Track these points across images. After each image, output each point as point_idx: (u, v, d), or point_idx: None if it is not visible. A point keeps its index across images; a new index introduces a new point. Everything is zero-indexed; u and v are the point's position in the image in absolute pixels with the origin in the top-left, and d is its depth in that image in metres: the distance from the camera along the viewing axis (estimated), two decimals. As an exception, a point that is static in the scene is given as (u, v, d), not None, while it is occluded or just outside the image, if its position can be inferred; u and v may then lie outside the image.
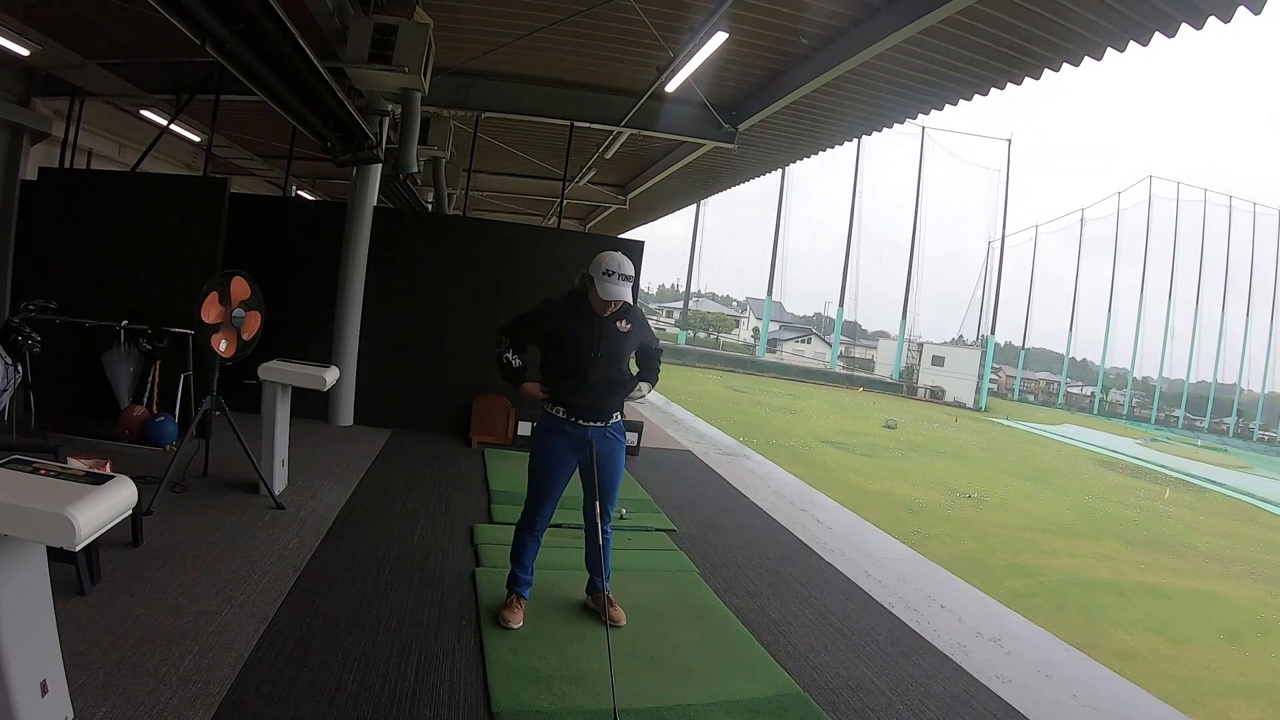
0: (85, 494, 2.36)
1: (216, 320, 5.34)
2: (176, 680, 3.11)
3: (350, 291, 8.59)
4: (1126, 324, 70.89)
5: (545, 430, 4.17)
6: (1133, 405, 71.26)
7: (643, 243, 9.40)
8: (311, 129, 7.52)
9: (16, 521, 2.25)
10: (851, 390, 56.09)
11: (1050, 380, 77.84)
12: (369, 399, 8.87)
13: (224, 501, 5.45)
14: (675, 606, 4.64)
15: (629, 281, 4.00)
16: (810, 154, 12.83)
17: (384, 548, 5.04)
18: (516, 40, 8.11)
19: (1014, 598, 10.35)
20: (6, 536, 2.28)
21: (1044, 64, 7.20)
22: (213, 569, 4.28)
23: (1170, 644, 11.44)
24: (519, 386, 4.19)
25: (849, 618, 4.87)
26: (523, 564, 4.23)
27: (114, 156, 13.24)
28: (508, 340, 4.17)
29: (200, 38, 4.97)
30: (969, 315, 69.79)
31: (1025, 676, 4.32)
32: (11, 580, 2.36)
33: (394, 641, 3.74)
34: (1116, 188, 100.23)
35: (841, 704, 3.68)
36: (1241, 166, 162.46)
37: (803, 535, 6.70)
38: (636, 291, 4.18)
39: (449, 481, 6.98)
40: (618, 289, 3.95)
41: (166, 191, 8.08)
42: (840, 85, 8.59)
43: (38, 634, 2.51)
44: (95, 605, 3.64)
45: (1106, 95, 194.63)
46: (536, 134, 12.50)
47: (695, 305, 79.49)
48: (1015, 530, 17.27)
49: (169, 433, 6.69)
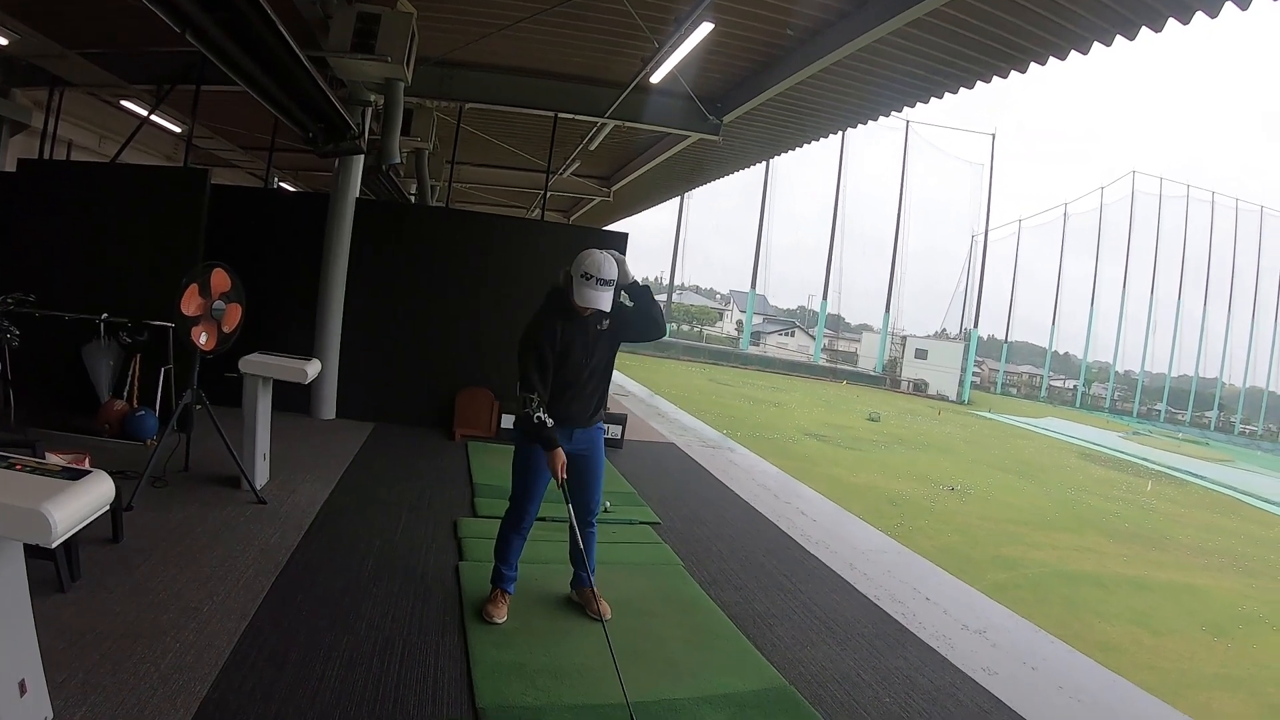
0: (61, 489, 2.31)
1: (197, 313, 5.29)
2: (157, 678, 3.07)
3: (332, 284, 8.53)
4: (1109, 318, 71.33)
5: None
6: (1115, 399, 71.63)
7: (626, 235, 9.39)
8: (293, 119, 7.45)
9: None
10: (835, 383, 56.18)
11: (1033, 374, 78.22)
12: (351, 392, 8.81)
13: (205, 496, 5.40)
14: (660, 600, 4.63)
15: (609, 287, 3.85)
16: (795, 146, 12.84)
17: (367, 542, 5.01)
18: (500, 30, 8.06)
19: (997, 590, 10.38)
20: (-20, 534, 2.24)
21: (1030, 58, 7.20)
22: (194, 565, 4.24)
23: (1152, 636, 11.51)
24: (551, 450, 3.86)
25: (834, 610, 4.87)
26: (507, 560, 4.21)
27: (94, 148, 13.15)
28: (537, 399, 3.82)
29: (181, 25, 4.90)
30: (952, 309, 70.00)
31: (1011, 668, 4.34)
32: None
33: (377, 637, 3.72)
34: (1100, 183, 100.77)
35: (828, 697, 3.68)
36: (1224, 164, 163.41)
37: (787, 528, 6.71)
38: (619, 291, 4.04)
39: (432, 475, 6.94)
40: (595, 295, 3.82)
41: (147, 183, 7.98)
42: (826, 78, 8.59)
43: (15, 633, 2.47)
44: (75, 603, 3.59)
45: (1091, 90, 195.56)
46: (520, 125, 12.46)
47: (679, 298, 79.43)
48: (998, 523, 17.33)
49: (150, 427, 6.63)
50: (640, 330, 4.10)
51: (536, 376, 3.86)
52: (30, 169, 8.23)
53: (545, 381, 3.90)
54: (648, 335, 4.13)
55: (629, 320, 4.09)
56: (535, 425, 3.82)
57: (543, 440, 3.87)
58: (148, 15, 4.75)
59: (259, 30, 5.38)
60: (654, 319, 4.08)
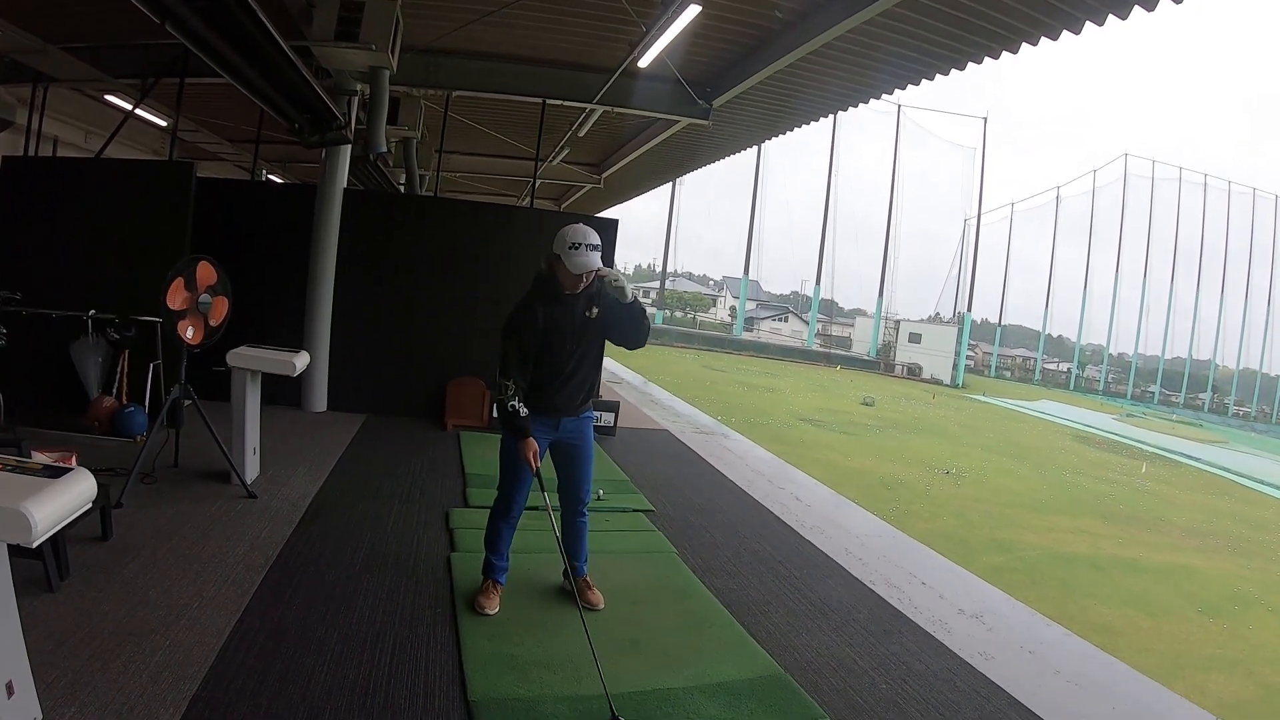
0: (42, 488, 2.29)
1: (183, 307, 5.24)
2: (147, 677, 3.05)
3: (321, 275, 8.46)
4: (1102, 300, 71.46)
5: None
6: (1109, 381, 71.79)
7: (617, 221, 9.37)
8: (278, 110, 7.39)
9: (-30, 518, 2.17)
10: (829, 368, 56.21)
11: (1027, 357, 78.38)
12: (342, 384, 8.76)
13: (195, 492, 5.36)
14: (654, 589, 4.62)
15: (597, 250, 3.82)
16: (787, 129, 12.76)
17: (357, 535, 4.99)
18: (485, 17, 7.97)
19: (993, 573, 10.37)
20: (-40, 535, 2.20)
21: (1022, 38, 7.14)
22: (184, 561, 4.21)
23: (1148, 618, 11.54)
24: (522, 440, 3.84)
25: (829, 596, 4.86)
26: (498, 550, 4.19)
27: (80, 144, 13.03)
28: (513, 386, 3.80)
29: (160, 17, 4.85)
30: (945, 292, 69.99)
31: (1008, 653, 4.33)
32: (-31, 579, 2.28)
33: (368, 630, 3.69)
34: (1092, 165, 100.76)
35: (824, 684, 3.67)
36: (1215, 147, 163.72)
37: (782, 514, 6.69)
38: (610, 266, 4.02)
39: (424, 466, 6.91)
40: (588, 259, 3.78)
41: (132, 177, 7.96)
42: (816, 60, 8.52)
43: (0, 634, 2.44)
44: (64, 602, 3.56)
45: (1082, 73, 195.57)
46: (508, 113, 12.36)
47: (672, 285, 79.34)
48: (993, 506, 17.37)
49: (139, 423, 6.58)
50: (622, 333, 4.06)
51: (515, 363, 3.83)
52: (15, 166, 8.17)
53: (525, 370, 3.87)
54: (628, 341, 4.09)
55: (619, 317, 4.02)
56: (508, 413, 3.81)
57: (514, 429, 3.85)
58: (128, 8, 4.69)
59: (240, 20, 5.31)
60: (640, 329, 4.06)
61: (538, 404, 3.93)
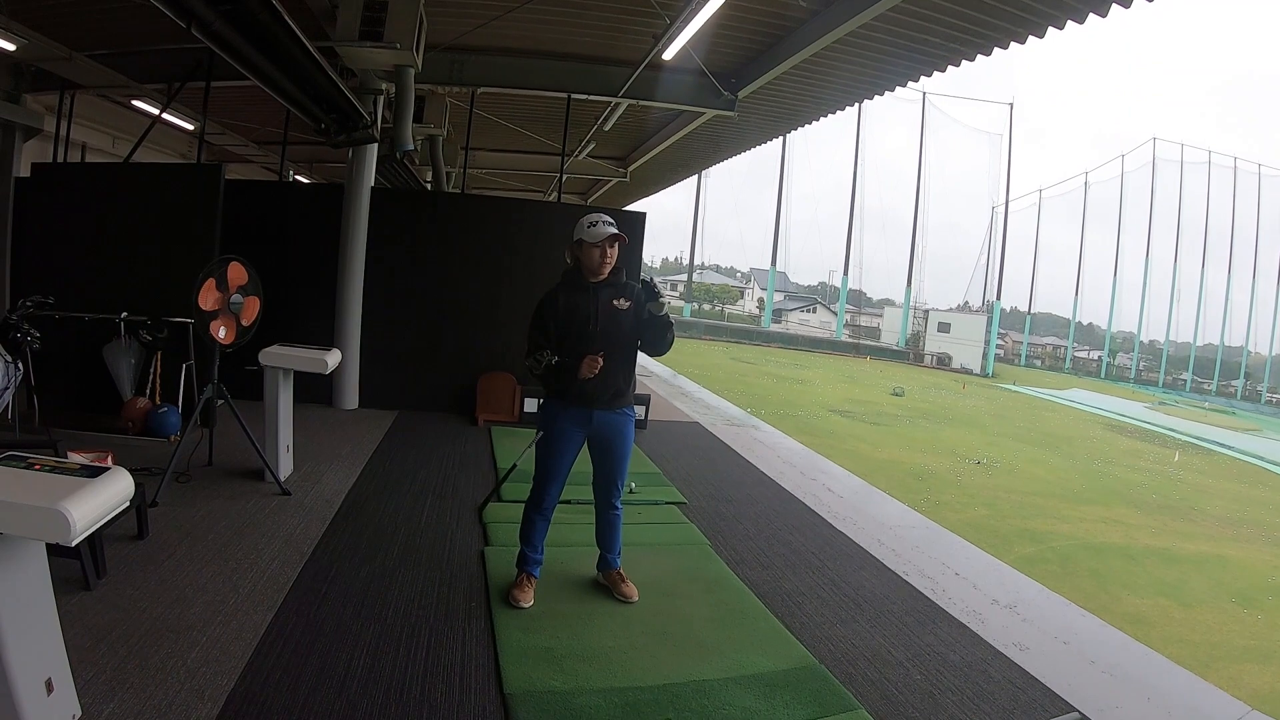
0: (80, 487, 2.29)
1: (214, 307, 5.29)
2: (184, 672, 3.07)
3: (350, 273, 8.52)
4: (1132, 287, 70.69)
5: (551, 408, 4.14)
6: (1140, 369, 71.02)
7: (644, 214, 9.34)
8: (304, 111, 7.43)
9: (10, 518, 2.20)
10: (858, 359, 56.01)
11: (1057, 345, 77.72)
12: (373, 381, 8.82)
13: (229, 490, 5.41)
14: (687, 580, 4.61)
15: (613, 225, 3.99)
16: (812, 119, 12.66)
17: (391, 530, 5.02)
18: (509, 13, 7.98)
19: (1025, 563, 10.29)
20: (1, 535, 2.22)
21: (1048, 22, 7.05)
22: (219, 558, 4.25)
23: (1182, 608, 11.42)
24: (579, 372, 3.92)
25: (863, 587, 4.83)
26: (532, 543, 4.19)
27: (108, 149, 13.16)
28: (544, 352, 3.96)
29: (185, 20, 4.86)
30: (974, 281, 69.61)
31: (1042, 643, 4.28)
32: (9, 579, 2.30)
33: (403, 624, 3.71)
34: (1120, 150, 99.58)
35: (858, 675, 3.64)
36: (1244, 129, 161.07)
37: (814, 504, 6.66)
38: (639, 263, 4.10)
39: (456, 461, 6.94)
40: (604, 229, 3.95)
41: (161, 181, 8.01)
42: (841, 49, 8.45)
43: (39, 632, 2.46)
44: (101, 600, 3.59)
45: (1108, 56, 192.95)
46: (533, 108, 12.38)
47: (699, 277, 79.16)
48: (1025, 496, 17.24)
49: (172, 423, 6.65)
50: (648, 338, 4.16)
51: (539, 336, 4.03)
52: (45, 173, 8.29)
53: (549, 342, 4.01)
54: (651, 347, 4.18)
55: (648, 324, 4.10)
56: (548, 369, 3.95)
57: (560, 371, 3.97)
58: (152, 13, 4.72)
59: (265, 22, 5.34)
60: (664, 338, 4.16)
61: (568, 392, 4.01)
